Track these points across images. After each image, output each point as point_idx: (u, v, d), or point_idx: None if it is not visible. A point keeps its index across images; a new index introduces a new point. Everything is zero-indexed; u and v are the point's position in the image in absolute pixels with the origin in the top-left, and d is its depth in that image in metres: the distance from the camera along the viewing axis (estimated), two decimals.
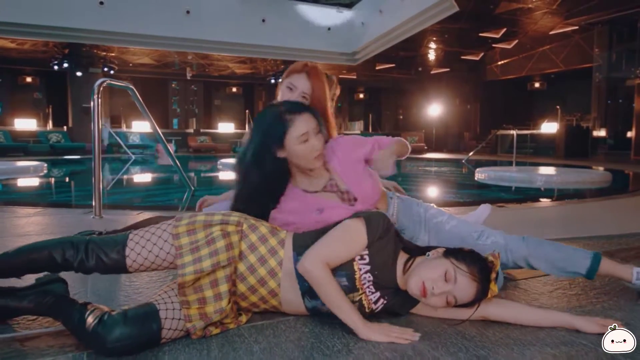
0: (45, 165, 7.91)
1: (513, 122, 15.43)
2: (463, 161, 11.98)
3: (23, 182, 7.06)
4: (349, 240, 1.33)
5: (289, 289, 1.34)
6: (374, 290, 1.34)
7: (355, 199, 1.60)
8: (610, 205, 4.28)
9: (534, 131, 16.23)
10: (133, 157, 12.36)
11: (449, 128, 19.54)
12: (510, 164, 9.21)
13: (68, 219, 3.10)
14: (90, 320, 1.17)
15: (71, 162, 11.69)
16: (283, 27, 14.93)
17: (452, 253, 1.33)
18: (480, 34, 14.26)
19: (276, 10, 14.90)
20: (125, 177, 8.49)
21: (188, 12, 13.83)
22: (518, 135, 15.01)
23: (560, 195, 5.19)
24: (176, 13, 13.71)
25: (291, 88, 1.75)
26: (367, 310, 1.34)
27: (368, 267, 1.33)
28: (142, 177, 8.90)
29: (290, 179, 1.61)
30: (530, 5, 11.93)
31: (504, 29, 13.84)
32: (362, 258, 1.33)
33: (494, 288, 1.29)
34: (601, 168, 6.66)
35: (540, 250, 1.60)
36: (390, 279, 1.36)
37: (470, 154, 12.59)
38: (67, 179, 8.15)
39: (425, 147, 17.09)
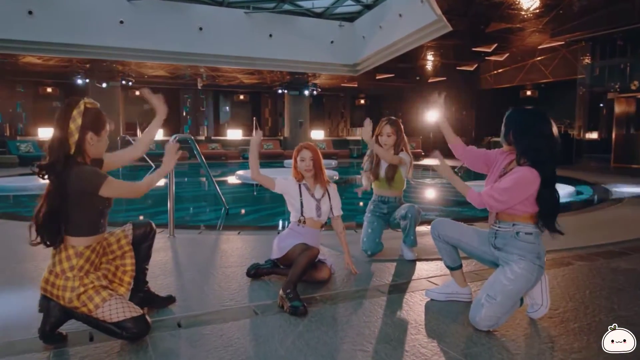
0: None
1: None
2: (456, 169, 12.76)
3: None
4: None
5: None
6: None
7: None
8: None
9: None
10: (154, 166, 13.18)
11: None
12: None
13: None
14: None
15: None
16: (289, 41, 15.71)
17: None
18: (473, 49, 15.13)
19: (282, 26, 15.70)
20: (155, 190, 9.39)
21: (200, 29, 14.78)
22: None
23: None
24: (189, 30, 14.58)
25: (303, 159, 3.05)
26: None
27: None
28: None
29: None
30: (518, 25, 12.88)
31: (495, 44, 14.77)
32: None
33: None
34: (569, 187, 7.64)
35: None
36: None
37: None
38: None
39: (423, 154, 18.00)
